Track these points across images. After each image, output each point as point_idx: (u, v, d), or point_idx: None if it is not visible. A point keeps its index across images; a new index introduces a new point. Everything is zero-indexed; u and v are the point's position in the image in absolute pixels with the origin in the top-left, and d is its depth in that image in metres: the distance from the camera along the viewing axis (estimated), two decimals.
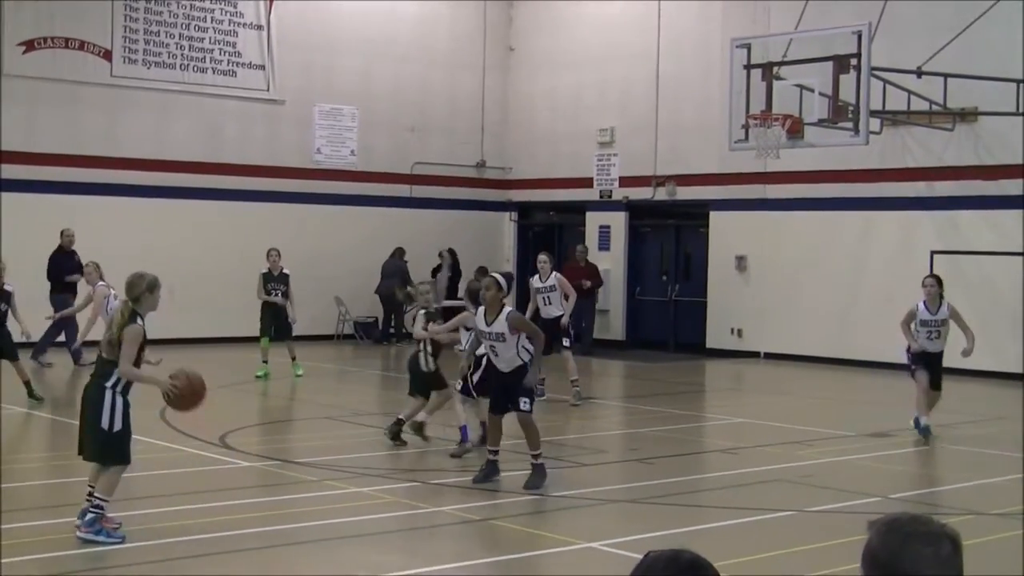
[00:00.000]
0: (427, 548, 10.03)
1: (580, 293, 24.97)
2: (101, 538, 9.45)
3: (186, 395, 9.79)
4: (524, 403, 11.87)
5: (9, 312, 17.47)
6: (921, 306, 15.49)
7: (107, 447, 9.55)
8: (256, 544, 9.70)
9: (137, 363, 9.57)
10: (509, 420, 12.12)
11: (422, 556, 9.61)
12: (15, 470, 12.34)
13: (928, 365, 15.43)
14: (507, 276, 12.73)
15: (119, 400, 9.47)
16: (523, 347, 11.93)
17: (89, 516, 9.46)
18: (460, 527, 10.59)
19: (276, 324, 20.67)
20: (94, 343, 15.75)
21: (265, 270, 20.81)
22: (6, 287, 17.34)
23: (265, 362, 20.45)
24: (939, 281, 15.90)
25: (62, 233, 22.58)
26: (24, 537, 9.48)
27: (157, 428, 14.91)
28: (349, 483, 11.99)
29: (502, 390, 12.10)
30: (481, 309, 12.19)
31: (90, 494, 9.52)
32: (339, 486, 11.87)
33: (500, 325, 11.89)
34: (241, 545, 9.58)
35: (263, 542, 9.79)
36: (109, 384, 9.48)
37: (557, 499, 11.47)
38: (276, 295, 20.66)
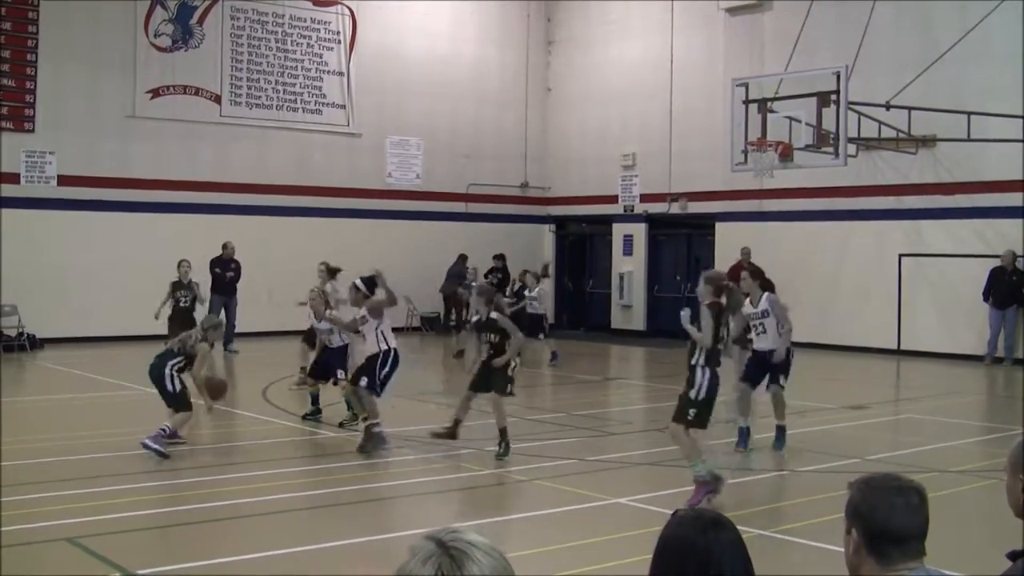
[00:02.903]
0: (481, 503, 10.04)
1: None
2: (157, 447, 11.07)
3: (212, 389, 11.95)
4: (362, 380, 12.07)
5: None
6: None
7: (175, 401, 11.63)
8: (343, 501, 9.75)
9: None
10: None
11: (477, 510, 9.64)
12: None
13: (758, 365, 12.21)
14: (368, 280, 12.04)
15: (176, 375, 11.62)
16: (381, 334, 12.07)
17: (158, 432, 11.21)
18: (509, 486, 10.60)
19: None
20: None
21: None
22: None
23: None
24: (754, 273, 12.77)
25: (224, 245, 23.15)
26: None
27: (259, 405, 14.98)
28: (417, 451, 12.01)
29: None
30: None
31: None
32: (409, 453, 11.89)
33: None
34: (325, 502, 9.63)
35: (345, 499, 9.84)
36: (171, 363, 11.63)
37: (590, 462, 11.42)
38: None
